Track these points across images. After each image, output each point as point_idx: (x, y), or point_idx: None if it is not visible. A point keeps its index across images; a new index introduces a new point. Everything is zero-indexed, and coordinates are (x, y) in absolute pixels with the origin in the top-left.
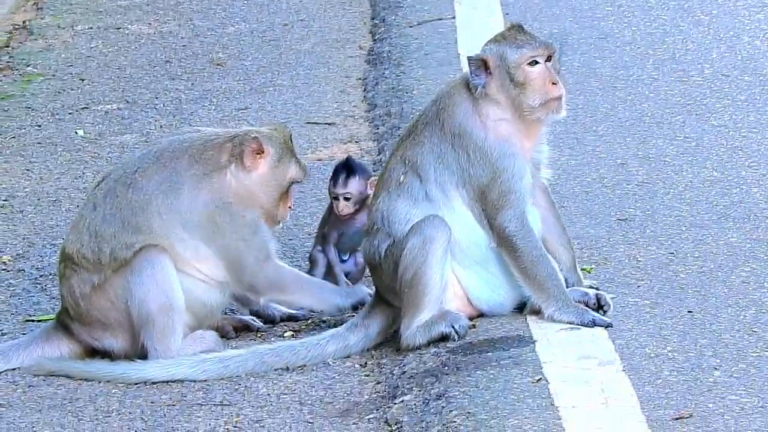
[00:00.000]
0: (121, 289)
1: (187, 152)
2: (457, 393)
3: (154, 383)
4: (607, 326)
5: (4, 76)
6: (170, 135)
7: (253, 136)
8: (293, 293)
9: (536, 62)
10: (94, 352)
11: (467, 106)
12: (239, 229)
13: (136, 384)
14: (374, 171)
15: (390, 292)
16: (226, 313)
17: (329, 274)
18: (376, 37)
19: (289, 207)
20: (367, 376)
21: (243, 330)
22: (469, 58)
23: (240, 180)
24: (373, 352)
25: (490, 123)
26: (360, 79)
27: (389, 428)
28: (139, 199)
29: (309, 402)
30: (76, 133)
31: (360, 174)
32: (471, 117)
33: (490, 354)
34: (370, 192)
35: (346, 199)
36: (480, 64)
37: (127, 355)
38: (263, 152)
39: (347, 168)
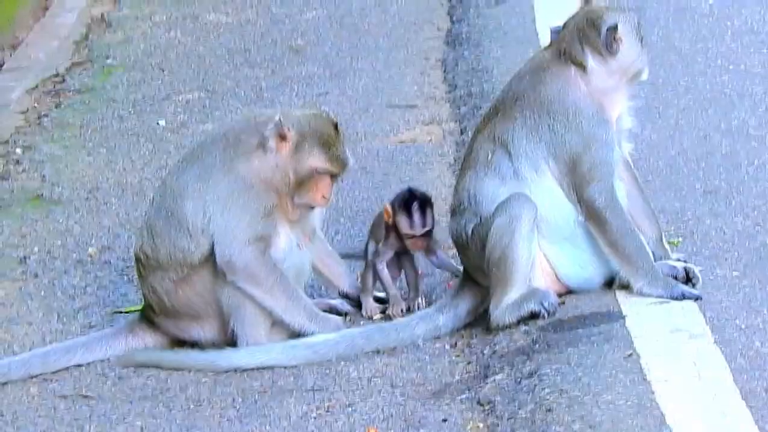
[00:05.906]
0: (209, 281)
1: (225, 136)
2: (548, 371)
3: (244, 371)
4: (697, 299)
5: (84, 69)
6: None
7: (277, 118)
8: (262, 290)
9: None
10: (179, 343)
11: (568, 75)
12: (248, 211)
13: (226, 372)
14: (458, 151)
15: (478, 271)
16: (314, 297)
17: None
18: (454, 18)
19: (323, 196)
20: (458, 356)
21: (332, 313)
22: (609, 28)
23: (263, 162)
24: (462, 332)
25: (593, 90)
26: (439, 60)
27: (482, 408)
28: (178, 187)
29: (400, 384)
30: (157, 123)
31: (431, 203)
32: (573, 84)
33: (580, 330)
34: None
35: (425, 235)
36: (614, 32)
37: (215, 344)
38: (285, 135)
39: (422, 202)
